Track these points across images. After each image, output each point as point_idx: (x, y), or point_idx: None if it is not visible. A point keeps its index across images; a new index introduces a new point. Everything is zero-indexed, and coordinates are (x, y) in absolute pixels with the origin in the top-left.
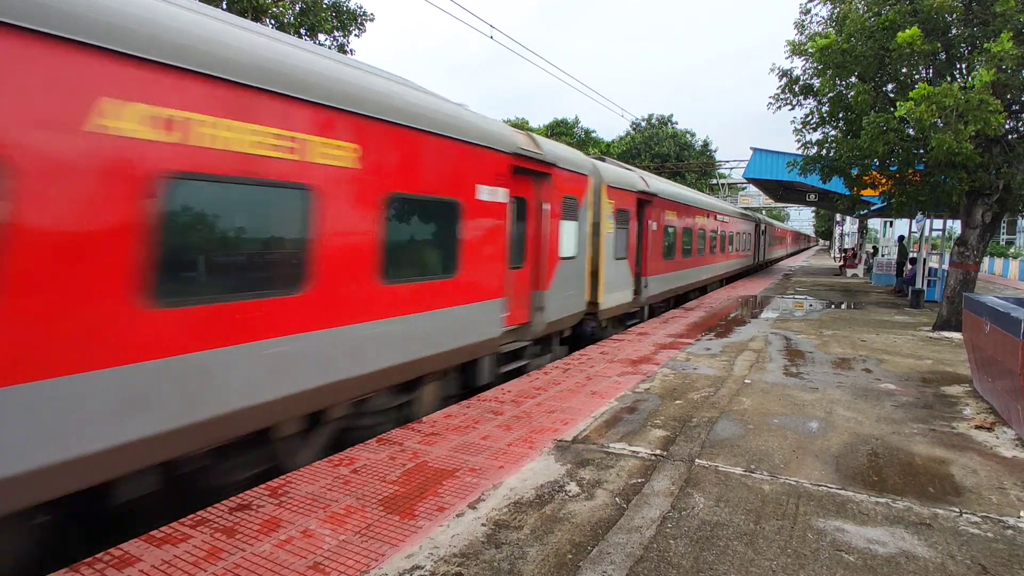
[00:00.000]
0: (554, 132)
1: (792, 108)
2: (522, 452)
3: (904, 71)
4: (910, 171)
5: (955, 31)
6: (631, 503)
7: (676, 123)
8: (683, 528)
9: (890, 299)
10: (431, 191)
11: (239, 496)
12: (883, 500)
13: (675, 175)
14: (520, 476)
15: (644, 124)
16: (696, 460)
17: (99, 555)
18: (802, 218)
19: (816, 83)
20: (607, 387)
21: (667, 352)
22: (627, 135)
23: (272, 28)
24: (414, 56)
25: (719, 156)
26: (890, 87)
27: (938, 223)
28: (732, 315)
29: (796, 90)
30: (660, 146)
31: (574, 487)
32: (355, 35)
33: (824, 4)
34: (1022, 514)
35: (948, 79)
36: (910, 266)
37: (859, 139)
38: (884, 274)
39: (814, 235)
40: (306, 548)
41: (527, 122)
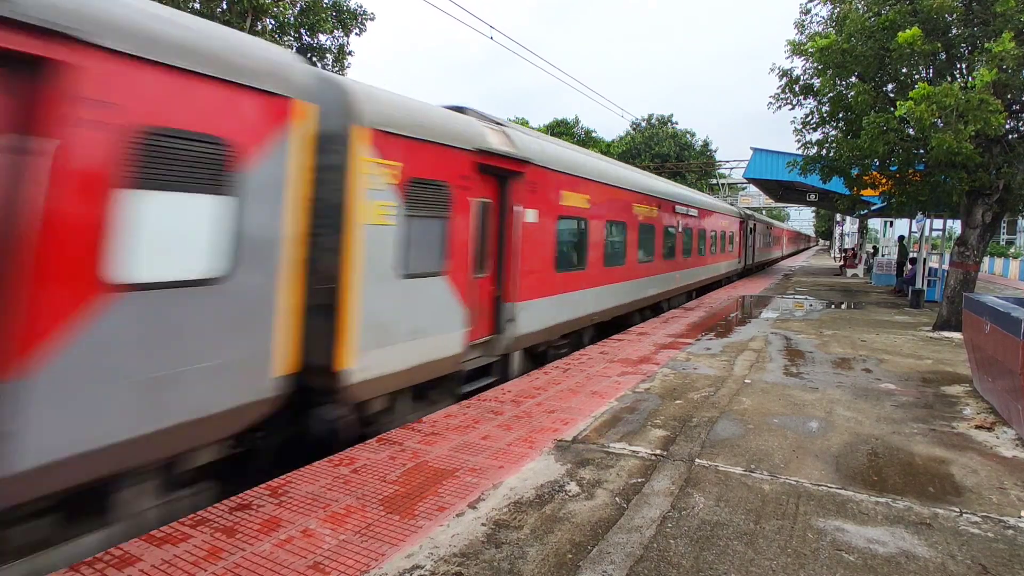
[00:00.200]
0: (554, 132)
1: (792, 108)
2: (522, 452)
3: (904, 71)
4: (910, 171)
5: (955, 31)
6: (631, 503)
7: (676, 123)
8: (683, 528)
9: (890, 299)
10: None
11: (239, 496)
12: (883, 500)
13: (675, 175)
14: (520, 476)
15: (644, 124)
16: (696, 460)
17: (99, 555)
18: (802, 218)
19: (816, 83)
20: (607, 387)
21: (667, 352)
22: (627, 135)
23: (272, 28)
24: (414, 56)
25: (719, 156)
26: (890, 87)
27: (938, 223)
28: (732, 315)
29: (796, 90)
30: (660, 146)
31: (574, 487)
32: (355, 35)
33: (824, 4)
34: (1022, 514)
35: (948, 79)
36: (910, 266)
37: (859, 139)
38: (884, 274)
39: (814, 235)
40: (306, 548)
41: (527, 122)
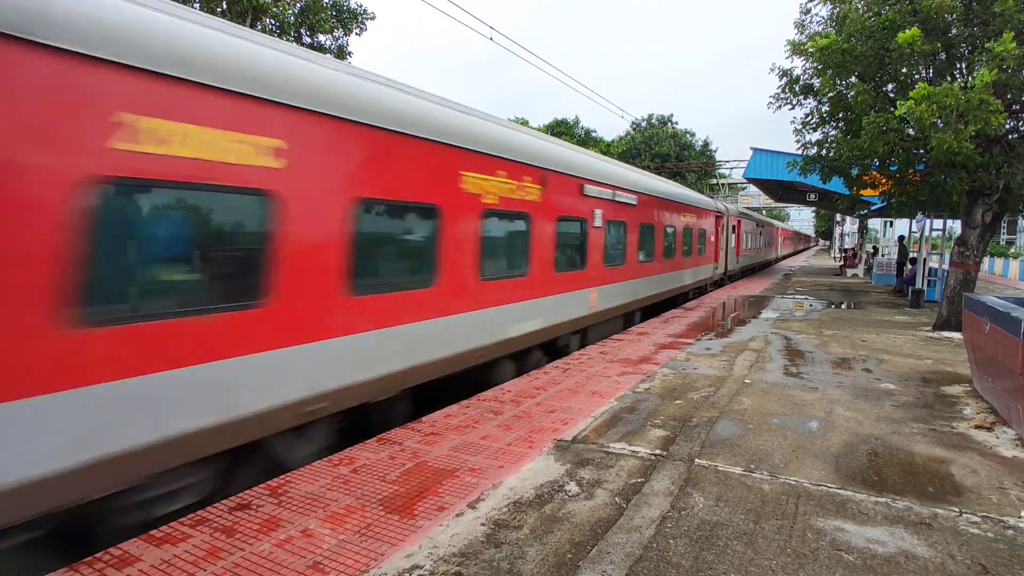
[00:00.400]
0: (555, 132)
1: (792, 108)
2: (522, 452)
3: (904, 71)
4: (910, 171)
5: (955, 31)
6: (631, 503)
7: (676, 123)
8: (683, 528)
9: (890, 299)
10: None
11: (239, 496)
12: (883, 500)
13: (675, 175)
14: (520, 476)
15: (644, 124)
16: (696, 460)
17: (98, 555)
18: (802, 218)
19: (816, 83)
20: (607, 387)
21: (667, 352)
22: (627, 135)
23: (272, 28)
24: (414, 56)
25: (719, 156)
26: (890, 87)
27: (938, 223)
28: (732, 315)
29: (796, 90)
30: (660, 146)
31: (574, 487)
32: (355, 34)
33: (824, 4)
34: (1022, 514)
35: (948, 79)
36: (910, 266)
37: (859, 139)
38: (884, 274)
39: (814, 235)
40: (306, 548)
41: (527, 122)
